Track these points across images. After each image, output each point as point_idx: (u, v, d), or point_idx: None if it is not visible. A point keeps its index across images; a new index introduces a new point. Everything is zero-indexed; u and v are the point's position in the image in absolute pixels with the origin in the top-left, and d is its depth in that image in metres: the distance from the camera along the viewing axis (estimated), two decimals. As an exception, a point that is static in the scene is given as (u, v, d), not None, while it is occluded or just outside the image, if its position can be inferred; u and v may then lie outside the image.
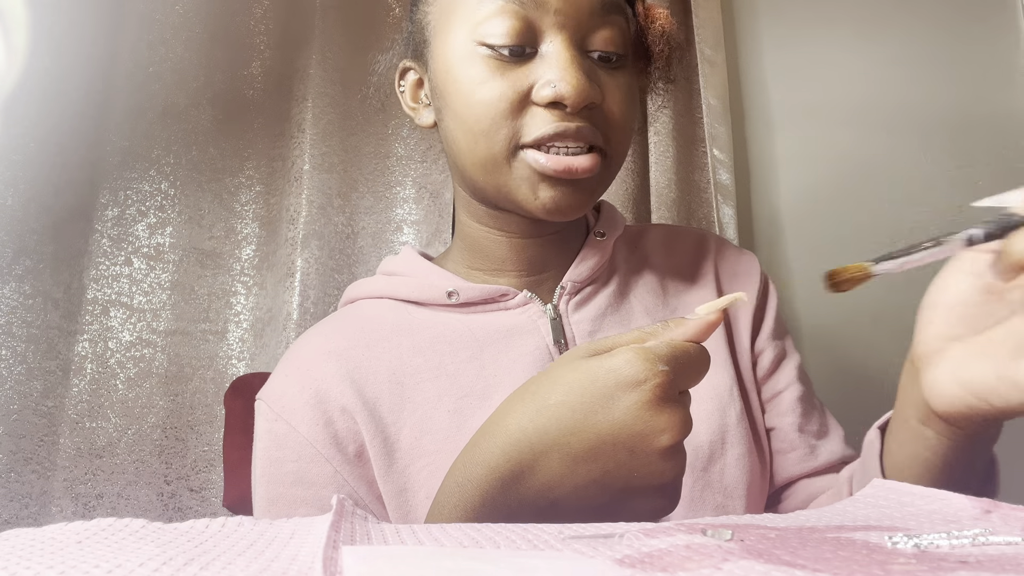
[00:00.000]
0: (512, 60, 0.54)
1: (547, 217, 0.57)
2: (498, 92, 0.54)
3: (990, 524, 0.32)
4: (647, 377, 0.39)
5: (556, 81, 0.53)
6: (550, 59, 0.54)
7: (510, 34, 0.54)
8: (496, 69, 0.54)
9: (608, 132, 0.56)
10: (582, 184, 0.56)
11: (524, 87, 0.54)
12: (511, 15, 0.54)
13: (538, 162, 0.54)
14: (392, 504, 0.55)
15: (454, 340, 0.60)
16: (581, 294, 0.63)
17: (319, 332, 0.64)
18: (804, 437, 0.63)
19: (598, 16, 0.55)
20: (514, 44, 0.54)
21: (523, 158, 0.55)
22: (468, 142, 0.56)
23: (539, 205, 0.56)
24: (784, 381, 0.65)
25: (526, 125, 0.54)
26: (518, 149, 0.55)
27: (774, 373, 0.65)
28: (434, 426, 0.57)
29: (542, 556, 0.27)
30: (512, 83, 0.54)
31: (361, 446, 0.57)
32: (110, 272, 1.05)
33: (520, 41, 0.54)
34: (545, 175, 0.54)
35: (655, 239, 0.70)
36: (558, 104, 0.53)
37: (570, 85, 0.52)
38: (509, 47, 0.54)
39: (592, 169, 0.55)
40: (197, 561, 0.25)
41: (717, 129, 1.22)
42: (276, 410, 0.58)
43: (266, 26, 1.17)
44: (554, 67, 0.53)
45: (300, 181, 1.09)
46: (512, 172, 0.56)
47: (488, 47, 0.54)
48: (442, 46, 0.58)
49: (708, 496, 0.57)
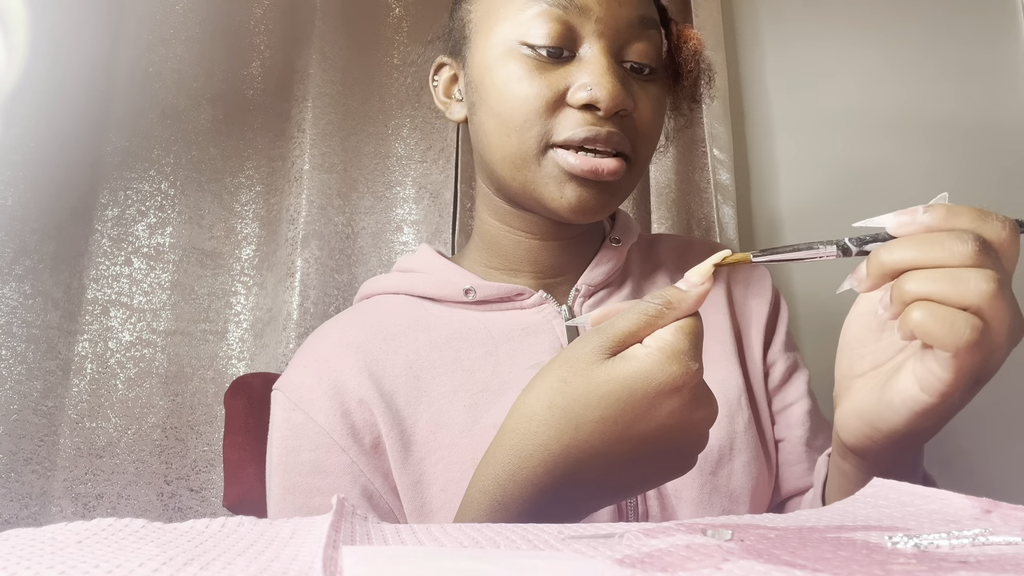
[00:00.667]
0: (551, 61, 0.56)
1: (570, 216, 0.58)
2: (535, 90, 0.55)
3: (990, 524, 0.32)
4: (685, 381, 0.39)
5: (592, 84, 0.54)
6: (587, 64, 0.55)
7: (551, 36, 0.55)
8: (535, 68, 0.56)
9: (636, 140, 0.58)
10: (606, 187, 0.57)
11: (560, 88, 0.56)
12: (554, 18, 0.55)
13: (567, 161, 0.55)
14: (407, 496, 0.56)
15: (470, 337, 0.61)
16: (595, 297, 0.64)
17: (337, 325, 0.65)
18: (810, 452, 0.64)
19: (636, 28, 0.57)
20: (554, 46, 0.56)
21: (552, 157, 0.56)
22: (500, 136, 0.57)
23: (564, 204, 0.57)
24: (794, 394, 0.66)
25: (558, 125, 0.56)
26: (548, 148, 0.56)
27: (785, 385, 0.66)
28: (450, 420, 0.57)
29: (542, 556, 0.27)
30: (549, 83, 0.55)
31: (378, 437, 0.57)
32: (110, 272, 1.05)
33: (560, 43, 0.56)
34: (573, 175, 0.56)
35: (668, 248, 0.72)
36: (592, 107, 0.55)
37: (605, 89, 0.54)
38: (548, 48, 0.56)
39: (617, 172, 0.56)
40: (197, 561, 0.25)
41: (717, 129, 1.22)
42: (294, 400, 0.59)
43: (266, 26, 1.17)
44: (591, 71, 0.55)
45: (300, 181, 1.09)
46: (540, 170, 0.57)
47: (529, 47, 0.56)
48: (483, 43, 0.59)
49: (715, 500, 0.58)
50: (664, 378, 0.39)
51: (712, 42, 1.24)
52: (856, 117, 1.28)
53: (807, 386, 0.67)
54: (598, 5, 0.55)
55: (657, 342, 0.40)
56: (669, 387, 0.39)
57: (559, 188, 0.56)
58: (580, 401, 0.41)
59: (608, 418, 0.40)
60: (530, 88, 0.55)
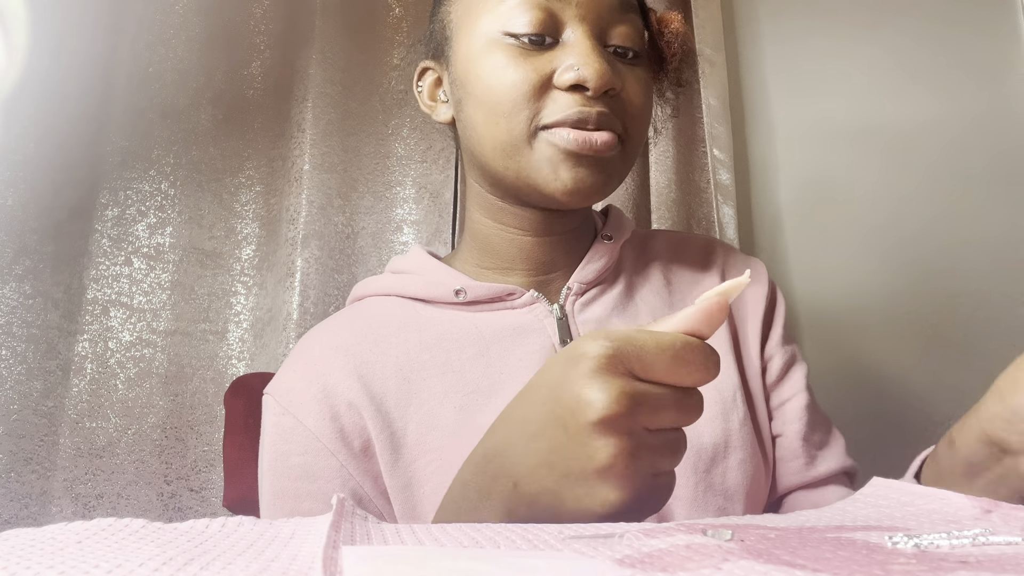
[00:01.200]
0: (534, 48, 0.56)
1: (566, 199, 0.57)
2: (521, 75, 0.55)
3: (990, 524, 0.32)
4: (586, 351, 0.36)
5: (579, 65, 0.54)
6: (572, 46, 0.56)
7: (533, 23, 0.56)
8: (519, 55, 0.56)
9: (626, 120, 0.58)
10: (601, 166, 0.57)
11: (546, 71, 0.56)
12: (535, 6, 0.56)
13: (561, 137, 0.55)
14: (398, 499, 0.56)
15: (460, 337, 0.61)
16: (587, 295, 0.63)
17: (327, 328, 0.64)
18: (807, 447, 0.63)
19: (617, 12, 0.58)
20: (537, 33, 0.56)
21: (544, 137, 0.56)
22: (489, 126, 0.57)
23: (559, 186, 0.56)
24: (792, 389, 0.66)
25: (547, 107, 0.56)
26: (539, 131, 0.56)
27: (783, 380, 0.66)
28: (440, 422, 0.57)
29: (542, 556, 0.27)
30: (535, 67, 0.56)
31: (367, 441, 0.57)
32: (110, 272, 1.05)
33: (543, 30, 0.56)
34: (568, 152, 0.55)
35: (662, 243, 0.71)
36: (580, 87, 0.55)
37: (592, 68, 0.54)
38: (531, 35, 0.56)
39: (611, 144, 0.56)
40: (197, 561, 0.25)
41: (717, 129, 1.22)
42: (283, 404, 0.58)
43: (266, 26, 1.17)
44: (576, 53, 0.55)
45: (300, 181, 1.09)
46: (533, 154, 0.56)
47: (512, 36, 0.56)
48: (465, 39, 0.59)
49: (710, 498, 0.57)
50: (575, 348, 0.37)
51: (712, 42, 1.24)
52: (856, 117, 1.28)
53: (805, 380, 0.66)
54: None
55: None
56: (573, 354, 0.37)
57: (553, 170, 0.56)
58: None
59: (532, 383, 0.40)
60: (516, 73, 0.55)
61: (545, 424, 0.37)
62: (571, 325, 0.62)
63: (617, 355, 0.35)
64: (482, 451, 0.42)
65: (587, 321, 0.62)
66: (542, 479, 0.37)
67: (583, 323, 0.62)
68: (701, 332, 0.37)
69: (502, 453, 0.40)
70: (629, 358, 0.36)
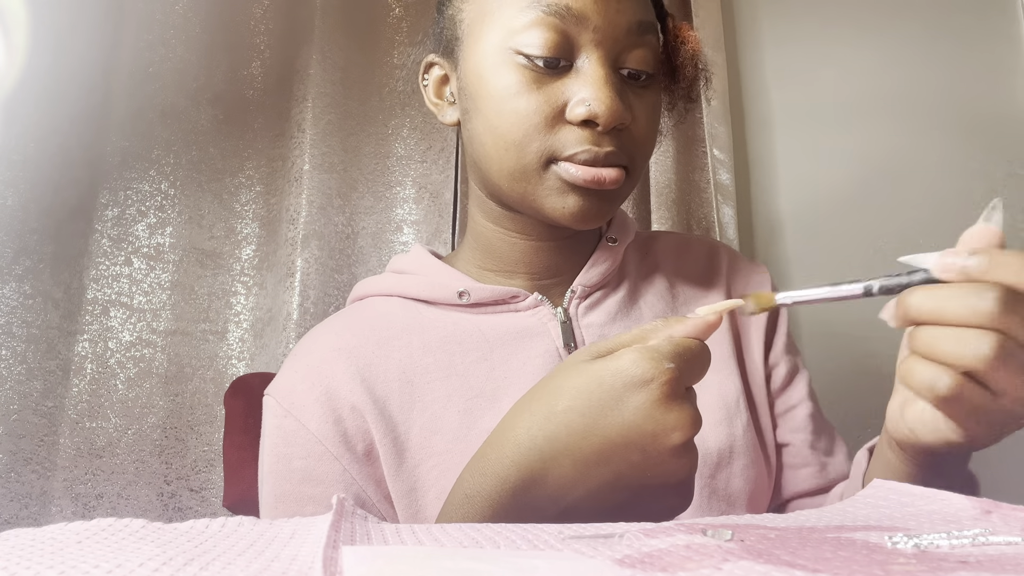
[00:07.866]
0: (547, 72, 0.55)
1: (571, 223, 0.57)
2: (533, 105, 0.54)
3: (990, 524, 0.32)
4: (654, 376, 0.39)
5: (590, 100, 0.53)
6: (585, 76, 0.54)
7: (547, 46, 0.54)
8: (531, 80, 0.55)
9: (633, 151, 0.57)
10: (607, 195, 0.57)
11: (559, 102, 0.55)
12: (550, 27, 0.54)
13: (569, 172, 0.55)
14: (401, 504, 0.55)
15: (464, 340, 0.60)
16: (591, 298, 0.63)
17: (329, 328, 0.64)
18: (816, 454, 0.64)
19: (634, 35, 0.56)
20: (550, 56, 0.54)
21: (554, 170, 0.56)
22: (498, 151, 0.56)
23: (566, 213, 0.56)
24: (797, 397, 0.66)
25: (559, 141, 0.55)
26: (550, 163, 0.56)
27: (787, 388, 0.66)
28: (444, 426, 0.57)
29: (542, 556, 0.27)
30: (547, 98, 0.54)
31: (370, 445, 0.57)
32: (110, 272, 1.05)
33: (556, 53, 0.54)
34: (575, 185, 0.55)
35: (666, 246, 0.71)
36: (590, 122, 0.54)
37: (604, 105, 0.53)
38: (545, 59, 0.54)
39: (618, 181, 0.56)
40: (197, 561, 0.25)
41: (717, 129, 1.22)
42: (285, 406, 0.58)
43: (266, 26, 1.17)
44: (589, 85, 0.54)
45: (300, 181, 1.09)
46: (542, 183, 0.56)
47: (524, 56, 0.55)
48: (475, 47, 0.58)
49: (713, 503, 0.57)
50: (634, 371, 0.39)
51: (712, 42, 1.24)
52: (856, 117, 1.28)
53: (808, 388, 0.67)
54: (596, 13, 0.54)
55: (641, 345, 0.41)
56: (637, 380, 0.39)
57: (561, 199, 0.56)
58: (553, 392, 0.42)
59: (575, 408, 0.40)
60: (528, 103, 0.54)
61: (614, 449, 0.40)
62: (575, 329, 0.61)
63: (680, 378, 0.39)
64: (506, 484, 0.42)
65: (591, 325, 0.62)
66: (606, 499, 0.41)
67: (587, 327, 0.61)
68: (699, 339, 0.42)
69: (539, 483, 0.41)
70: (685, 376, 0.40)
